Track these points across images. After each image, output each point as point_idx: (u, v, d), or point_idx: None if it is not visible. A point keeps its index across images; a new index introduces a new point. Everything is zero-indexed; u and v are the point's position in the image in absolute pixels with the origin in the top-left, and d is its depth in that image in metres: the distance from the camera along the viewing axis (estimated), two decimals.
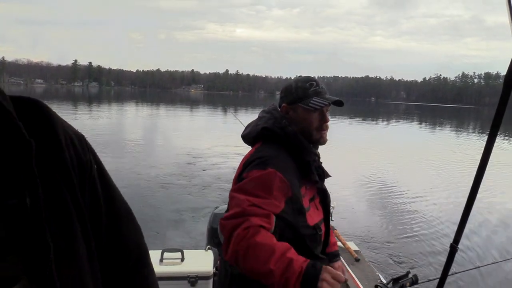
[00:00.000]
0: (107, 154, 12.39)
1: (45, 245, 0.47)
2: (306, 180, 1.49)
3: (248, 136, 1.59)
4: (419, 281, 1.86)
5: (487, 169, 1.41)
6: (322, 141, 1.54)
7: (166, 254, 3.00)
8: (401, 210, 8.21)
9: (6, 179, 0.46)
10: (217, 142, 15.93)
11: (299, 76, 1.63)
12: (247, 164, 1.45)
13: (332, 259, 1.89)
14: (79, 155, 0.57)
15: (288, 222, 1.36)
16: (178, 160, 12.01)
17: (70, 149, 0.56)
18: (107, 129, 20.33)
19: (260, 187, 1.34)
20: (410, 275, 1.88)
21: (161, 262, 2.94)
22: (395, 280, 1.87)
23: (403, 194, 9.52)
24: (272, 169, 1.38)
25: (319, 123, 1.52)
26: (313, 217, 1.48)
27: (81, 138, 0.62)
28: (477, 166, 1.43)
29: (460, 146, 20.10)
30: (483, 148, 1.41)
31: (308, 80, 1.55)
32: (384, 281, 2.02)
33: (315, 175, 1.50)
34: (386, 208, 8.28)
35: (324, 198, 1.57)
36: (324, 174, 1.60)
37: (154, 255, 3.02)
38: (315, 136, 1.52)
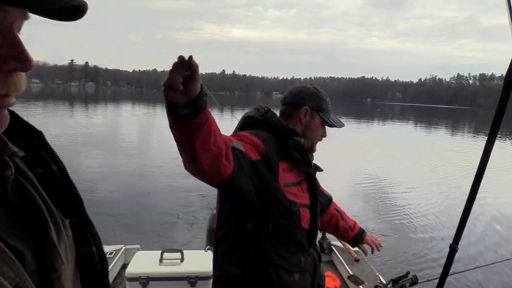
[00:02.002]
0: (104, 153, 12.36)
1: (79, 197, 0.62)
2: (289, 160, 1.51)
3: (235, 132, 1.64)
4: (418, 281, 1.88)
5: (486, 169, 1.43)
6: (315, 150, 1.68)
7: (166, 255, 3.00)
8: (400, 210, 8.24)
9: (29, 156, 0.57)
10: None
11: (312, 86, 1.69)
12: None
13: (362, 236, 1.94)
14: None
15: (261, 175, 1.38)
16: (176, 159, 11.99)
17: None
18: (103, 129, 20.26)
19: (234, 137, 1.41)
20: (409, 275, 1.90)
21: (161, 263, 2.95)
22: (395, 281, 1.88)
23: (402, 194, 9.57)
24: (248, 133, 1.47)
25: (320, 137, 1.67)
26: (293, 197, 1.48)
27: None
28: (477, 167, 1.45)
29: (457, 146, 20.20)
30: (482, 150, 1.43)
31: (326, 95, 1.68)
32: (384, 282, 2.04)
33: (294, 152, 1.51)
34: (385, 208, 8.32)
35: (312, 185, 1.58)
36: (311, 164, 1.61)
37: (154, 256, 3.02)
38: (314, 146, 1.67)
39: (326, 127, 1.67)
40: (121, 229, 6.10)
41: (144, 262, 2.98)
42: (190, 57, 0.95)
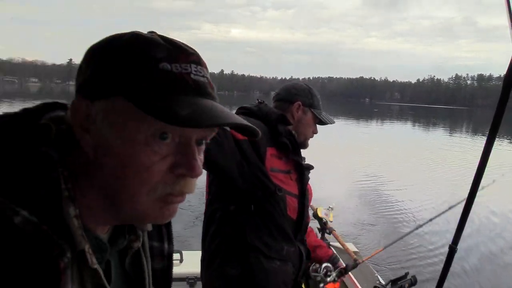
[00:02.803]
0: None
1: (171, 280, 0.70)
2: (279, 147, 1.52)
3: None
4: (417, 282, 1.88)
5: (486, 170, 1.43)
6: (307, 146, 1.71)
7: None
8: (399, 210, 8.24)
9: (156, 250, 0.67)
10: None
11: (304, 83, 1.73)
12: None
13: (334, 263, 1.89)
14: None
15: (245, 155, 1.40)
16: None
17: None
18: None
19: None
20: (408, 276, 1.91)
21: None
22: (394, 281, 1.88)
23: (401, 193, 9.56)
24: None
25: (312, 133, 1.70)
26: (280, 183, 1.49)
27: None
28: (476, 167, 1.45)
29: (455, 145, 20.23)
30: (481, 150, 1.42)
31: (317, 93, 1.72)
32: (383, 282, 2.04)
33: (284, 138, 1.52)
34: (384, 209, 8.32)
35: (301, 177, 1.60)
36: (300, 154, 1.62)
37: None
38: (307, 143, 1.70)
39: (318, 125, 1.71)
40: None
41: None
42: None
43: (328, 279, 1.82)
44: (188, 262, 2.95)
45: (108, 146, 0.49)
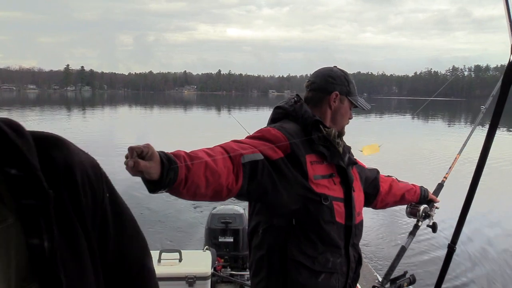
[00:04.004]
0: (102, 154, 12.30)
1: (59, 280, 0.59)
2: (317, 153, 1.46)
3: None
4: (416, 281, 1.86)
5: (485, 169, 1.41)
6: (344, 133, 1.62)
7: (164, 255, 2.99)
8: (397, 209, 8.20)
9: (29, 221, 0.57)
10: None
11: (336, 67, 1.64)
12: None
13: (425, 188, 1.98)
14: (93, 188, 0.68)
15: (284, 173, 1.35)
16: None
17: (86, 186, 0.66)
18: (101, 131, 20.22)
19: (254, 135, 1.43)
20: (407, 275, 1.89)
21: (159, 263, 2.93)
22: (393, 280, 1.86)
23: None
24: (272, 127, 1.45)
25: (348, 119, 1.63)
26: (325, 189, 1.43)
27: (95, 168, 0.70)
28: (476, 165, 1.43)
29: (456, 137, 20.22)
30: (480, 146, 1.40)
31: (351, 77, 1.63)
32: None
33: (319, 146, 1.46)
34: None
35: (345, 179, 1.51)
36: (341, 156, 1.53)
37: (151, 256, 3.00)
38: (343, 131, 1.61)
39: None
40: None
41: None
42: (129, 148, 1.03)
43: (427, 220, 1.95)
44: (187, 261, 2.96)
45: None
